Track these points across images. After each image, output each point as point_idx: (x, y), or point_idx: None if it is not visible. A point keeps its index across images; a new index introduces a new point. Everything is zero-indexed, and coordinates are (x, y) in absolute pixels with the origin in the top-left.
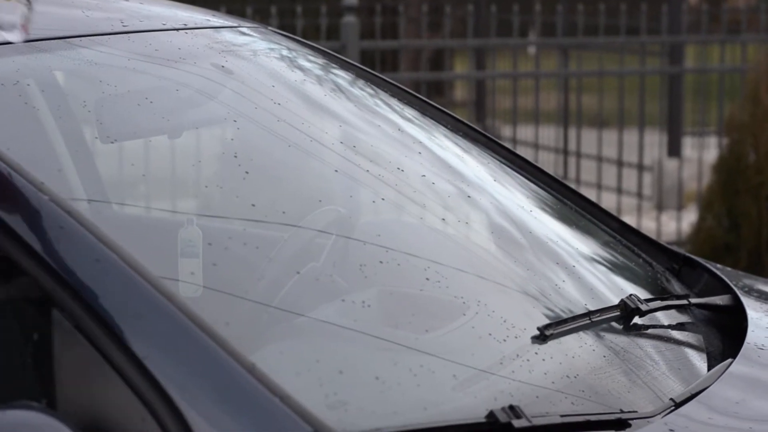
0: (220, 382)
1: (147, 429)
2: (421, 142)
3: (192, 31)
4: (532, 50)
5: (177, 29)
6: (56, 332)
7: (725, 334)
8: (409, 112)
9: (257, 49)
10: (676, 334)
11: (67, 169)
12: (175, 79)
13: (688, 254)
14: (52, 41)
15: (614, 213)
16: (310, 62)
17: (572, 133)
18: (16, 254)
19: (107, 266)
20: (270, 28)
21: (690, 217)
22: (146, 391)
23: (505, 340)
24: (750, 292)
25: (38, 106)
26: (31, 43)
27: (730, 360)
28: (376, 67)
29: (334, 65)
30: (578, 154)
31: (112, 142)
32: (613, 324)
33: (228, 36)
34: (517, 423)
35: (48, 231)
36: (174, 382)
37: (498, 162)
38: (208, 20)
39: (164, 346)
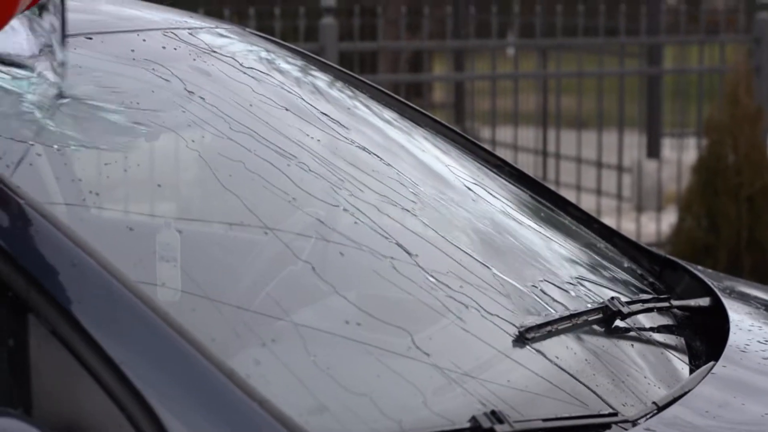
0: (199, 387)
1: None
2: (400, 145)
3: (169, 32)
4: (510, 51)
5: (154, 30)
6: (32, 337)
7: (707, 337)
8: (388, 113)
9: (235, 51)
10: (658, 337)
11: (43, 173)
12: (152, 82)
13: (668, 256)
14: None
15: (594, 214)
16: (289, 64)
17: (551, 134)
18: None
19: (84, 270)
20: (248, 29)
21: (669, 219)
22: (123, 396)
23: (486, 344)
24: (731, 293)
25: (13, 109)
26: None
27: (712, 362)
28: (355, 68)
29: (312, 67)
30: (557, 156)
31: (89, 146)
32: (595, 327)
33: (205, 38)
34: (499, 428)
35: (24, 235)
36: (152, 388)
37: (477, 164)
38: (186, 21)
39: (141, 351)
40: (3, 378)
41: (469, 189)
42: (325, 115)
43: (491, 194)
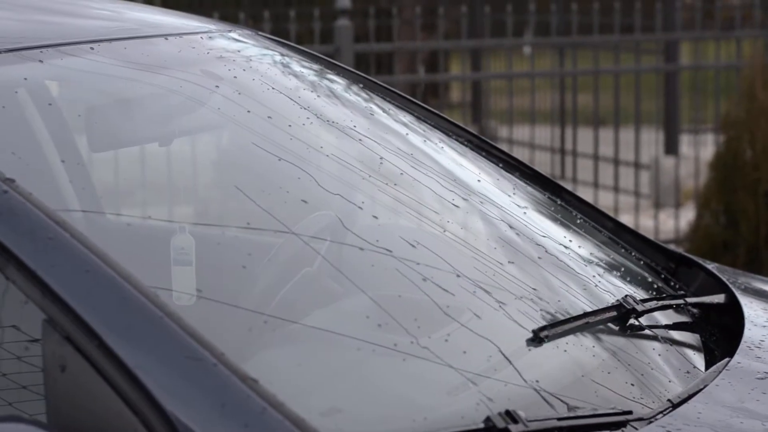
0: (213, 391)
1: None
2: (416, 146)
3: (183, 36)
4: (527, 50)
5: (168, 35)
6: (46, 344)
7: (722, 333)
8: (404, 115)
9: (249, 55)
10: (673, 334)
11: (56, 179)
12: (166, 86)
13: (683, 252)
14: (42, 49)
15: (612, 212)
16: (303, 67)
17: (569, 132)
18: (5, 265)
19: (97, 276)
20: (262, 33)
21: (688, 215)
22: (138, 401)
23: (500, 344)
24: (746, 290)
25: (28, 115)
26: (21, 51)
27: (727, 359)
28: (371, 70)
29: (327, 70)
30: (575, 154)
31: (102, 151)
32: (610, 325)
33: (220, 42)
34: (514, 428)
35: (37, 242)
36: (167, 393)
37: (492, 164)
38: (200, 26)
39: (156, 356)
40: (18, 384)
41: (484, 188)
42: (341, 117)
43: (506, 193)
